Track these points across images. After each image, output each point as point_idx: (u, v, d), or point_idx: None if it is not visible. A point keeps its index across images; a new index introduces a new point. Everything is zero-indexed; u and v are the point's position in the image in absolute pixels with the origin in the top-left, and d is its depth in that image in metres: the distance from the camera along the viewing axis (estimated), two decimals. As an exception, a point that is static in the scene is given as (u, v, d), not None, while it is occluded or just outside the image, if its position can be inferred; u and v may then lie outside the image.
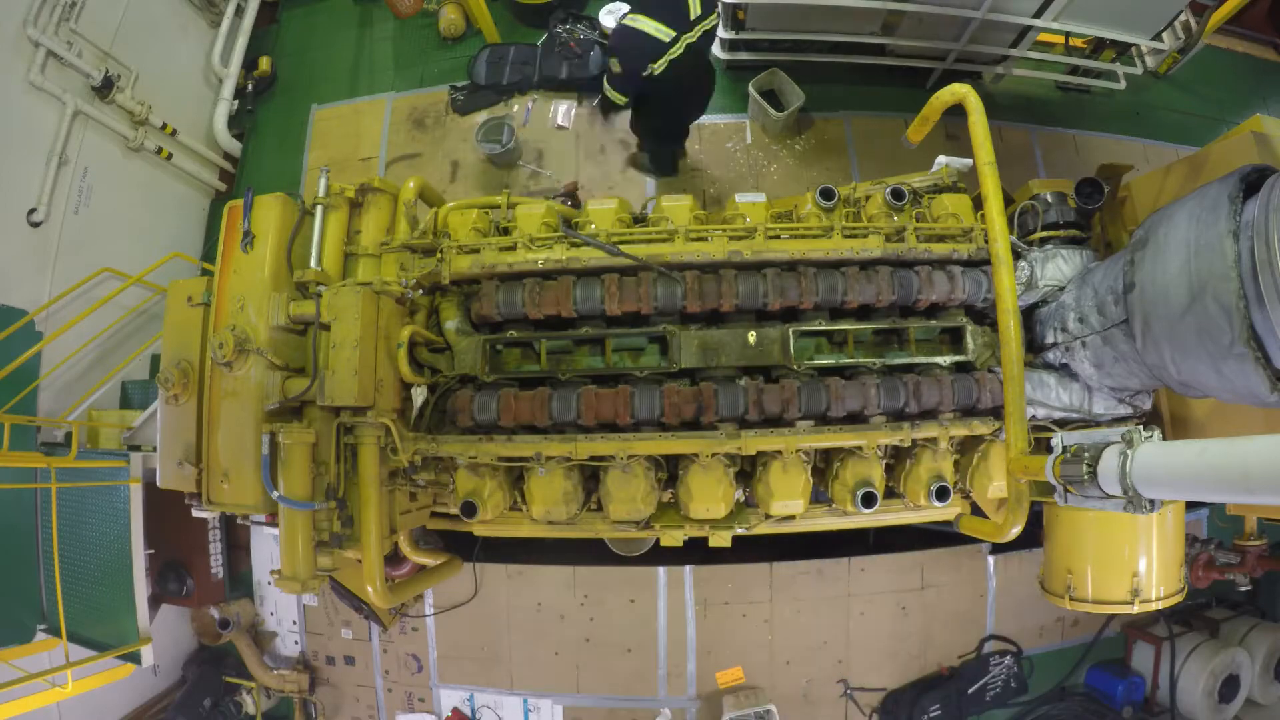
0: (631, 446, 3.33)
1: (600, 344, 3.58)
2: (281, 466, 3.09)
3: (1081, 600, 3.39)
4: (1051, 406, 3.40)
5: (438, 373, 3.59)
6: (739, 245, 3.47)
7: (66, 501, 4.44)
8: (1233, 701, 5.52)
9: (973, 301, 3.51)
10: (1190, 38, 6.77)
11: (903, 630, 5.45)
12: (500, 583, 5.41)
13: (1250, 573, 4.85)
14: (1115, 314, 2.92)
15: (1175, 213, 2.62)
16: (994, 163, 2.95)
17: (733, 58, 6.41)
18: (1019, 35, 5.97)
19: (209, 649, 5.94)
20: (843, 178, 6.28)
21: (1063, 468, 2.34)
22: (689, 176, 6.35)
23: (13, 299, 4.96)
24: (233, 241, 3.48)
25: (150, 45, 6.28)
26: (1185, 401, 3.49)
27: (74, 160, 5.51)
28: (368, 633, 5.65)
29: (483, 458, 3.42)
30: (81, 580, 4.60)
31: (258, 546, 5.83)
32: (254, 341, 3.24)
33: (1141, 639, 5.78)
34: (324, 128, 6.97)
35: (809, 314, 3.53)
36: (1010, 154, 6.42)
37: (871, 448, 3.40)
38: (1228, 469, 1.66)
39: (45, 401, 5.07)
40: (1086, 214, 3.61)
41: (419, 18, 7.39)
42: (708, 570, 5.34)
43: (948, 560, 5.43)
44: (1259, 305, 2.20)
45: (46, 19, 5.28)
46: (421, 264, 3.57)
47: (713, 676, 5.37)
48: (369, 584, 3.38)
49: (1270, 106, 7.10)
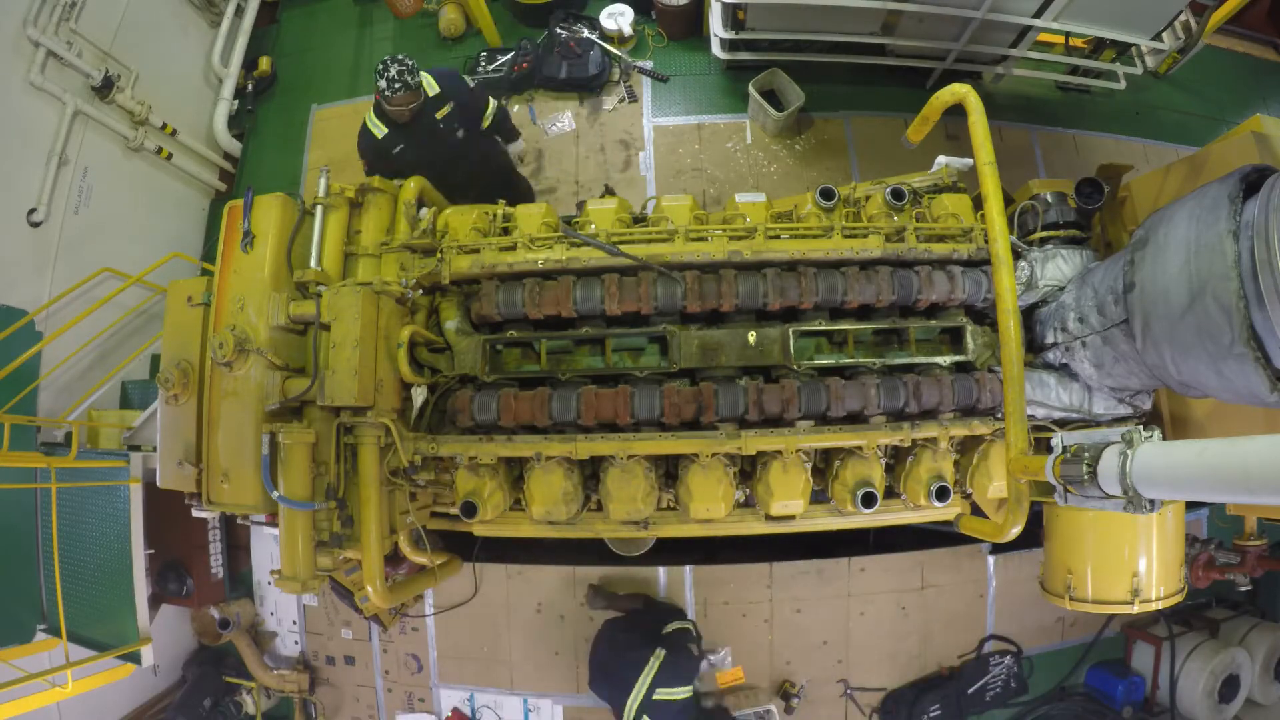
0: (631, 446, 3.33)
1: (600, 344, 3.57)
2: (281, 466, 3.09)
3: (1081, 600, 3.39)
4: (1051, 406, 3.40)
5: (438, 373, 3.59)
6: (739, 245, 3.47)
7: (66, 501, 4.44)
8: (1233, 701, 5.52)
9: (973, 301, 3.51)
10: (1190, 38, 6.77)
11: (903, 630, 5.45)
12: (500, 583, 5.41)
13: (1250, 573, 4.85)
14: (1115, 314, 2.92)
15: (1175, 213, 2.62)
16: (994, 163, 2.94)
17: (733, 58, 6.41)
18: (1019, 35, 5.97)
19: (209, 649, 5.94)
20: (843, 178, 6.29)
21: (1063, 468, 2.34)
22: (689, 176, 6.35)
23: (13, 299, 4.96)
24: (233, 241, 3.48)
25: (150, 45, 6.29)
26: (1185, 401, 3.49)
27: (74, 160, 5.51)
28: (368, 633, 5.65)
29: (483, 458, 3.42)
30: (81, 580, 4.60)
31: (258, 546, 5.83)
32: (254, 341, 3.24)
33: (1141, 639, 5.78)
34: (324, 128, 6.98)
35: (809, 314, 3.52)
36: (1010, 154, 6.42)
37: (871, 448, 3.40)
38: (1228, 469, 1.66)
39: (45, 401, 5.07)
40: (1086, 214, 3.61)
41: (419, 18, 7.40)
42: (708, 570, 5.34)
43: (948, 560, 5.43)
44: (1259, 305, 2.20)
45: (46, 19, 5.28)
46: (421, 264, 3.56)
47: (713, 676, 5.37)
48: (369, 584, 3.37)
49: (1270, 106, 7.11)
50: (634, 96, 6.68)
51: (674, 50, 6.95)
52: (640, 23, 6.85)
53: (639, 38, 6.93)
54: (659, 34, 6.99)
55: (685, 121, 6.60)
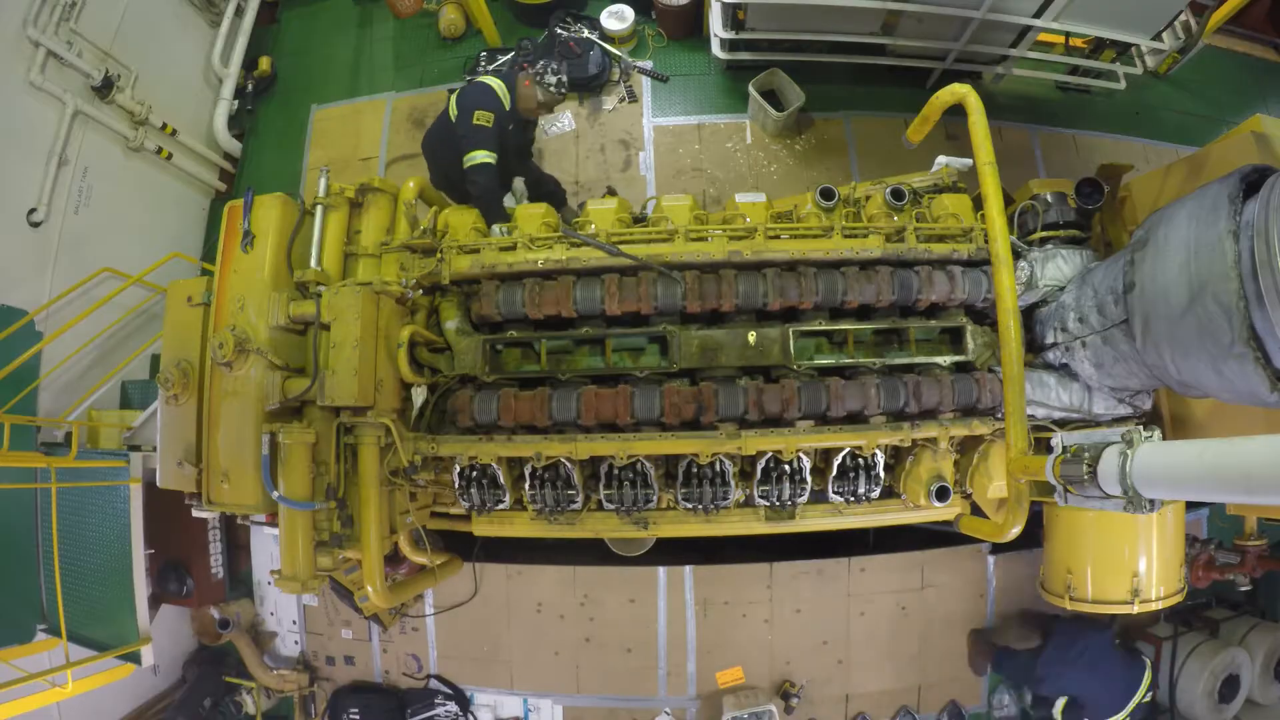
0: (631, 446, 3.33)
1: (600, 344, 3.57)
2: (281, 466, 3.09)
3: (1081, 600, 3.39)
4: (1051, 406, 3.40)
5: (438, 373, 3.59)
6: (739, 245, 3.47)
7: (66, 501, 4.44)
8: (1233, 701, 5.50)
9: (973, 301, 3.51)
10: (1190, 38, 6.77)
11: (903, 630, 5.45)
12: (500, 583, 5.41)
13: (1250, 573, 4.85)
14: (1115, 314, 2.92)
15: (1175, 213, 2.62)
16: (994, 163, 2.94)
17: (733, 58, 6.41)
18: (1019, 35, 5.97)
19: (209, 649, 5.94)
20: (843, 178, 6.28)
21: (1063, 468, 2.34)
22: (689, 176, 6.35)
23: (13, 299, 4.96)
24: (233, 241, 3.48)
25: (150, 45, 6.28)
26: (1185, 401, 3.49)
27: (74, 160, 5.52)
28: (368, 633, 5.65)
29: (483, 458, 3.42)
30: (81, 580, 4.60)
31: (258, 546, 5.83)
32: (254, 341, 3.24)
33: (1141, 639, 5.77)
34: (324, 128, 6.98)
35: (809, 314, 3.53)
36: (1010, 154, 6.42)
37: (871, 447, 3.40)
38: (1228, 469, 1.66)
39: (45, 401, 5.07)
40: (1086, 214, 3.61)
41: (419, 18, 7.40)
42: (708, 570, 5.34)
43: (948, 560, 5.43)
44: (1259, 305, 2.20)
45: (46, 19, 5.28)
46: (421, 264, 3.56)
47: (713, 676, 5.37)
48: (369, 584, 3.38)
49: (1270, 106, 7.10)
50: (634, 96, 6.68)
51: (674, 50, 6.94)
52: (640, 23, 6.84)
53: (639, 38, 6.93)
54: (659, 34, 6.99)
55: (685, 121, 6.60)
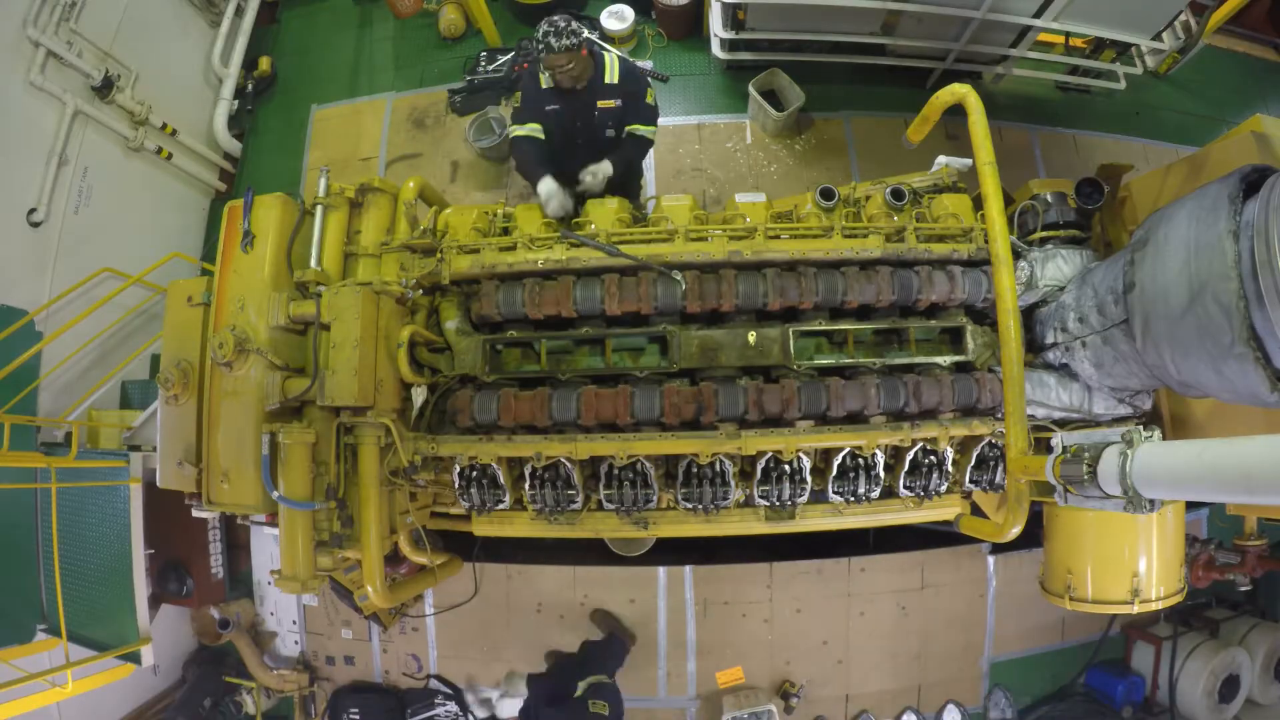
0: (631, 446, 3.33)
1: (600, 344, 3.57)
2: (281, 466, 3.09)
3: (1081, 600, 3.39)
4: (1051, 406, 3.40)
5: (438, 373, 3.59)
6: (739, 245, 3.47)
7: (66, 501, 4.44)
8: (1233, 701, 5.52)
9: (973, 301, 3.51)
10: (1190, 38, 6.77)
11: (903, 630, 5.45)
12: (500, 583, 5.41)
13: (1250, 573, 4.85)
14: (1115, 314, 2.92)
15: (1175, 213, 2.62)
16: (994, 163, 2.94)
17: (733, 58, 6.41)
18: (1019, 35, 5.97)
19: (209, 649, 5.94)
20: (843, 178, 6.28)
21: (1063, 468, 2.34)
22: (689, 176, 6.35)
23: (13, 299, 4.96)
24: (233, 241, 3.48)
25: (150, 45, 6.28)
26: (1185, 401, 3.49)
27: (74, 160, 5.51)
28: (368, 633, 5.65)
29: (483, 458, 3.42)
30: (81, 580, 4.60)
31: (258, 546, 5.83)
32: (254, 341, 3.24)
33: (1141, 639, 5.78)
34: (324, 128, 6.98)
35: (809, 314, 3.52)
36: (1010, 154, 6.42)
37: (871, 447, 3.40)
38: (1228, 469, 1.66)
39: (45, 401, 5.07)
40: (1086, 214, 3.61)
41: (419, 18, 7.40)
42: (708, 570, 5.34)
43: (948, 560, 5.43)
44: (1259, 305, 2.20)
45: (46, 19, 5.28)
46: (421, 264, 3.56)
47: (713, 676, 5.38)
48: (369, 584, 3.37)
49: (1270, 106, 7.10)
50: (634, 96, 6.67)
51: (674, 50, 6.95)
52: (640, 23, 6.84)
53: (639, 38, 6.93)
54: (659, 34, 6.99)
55: (685, 121, 6.60)
